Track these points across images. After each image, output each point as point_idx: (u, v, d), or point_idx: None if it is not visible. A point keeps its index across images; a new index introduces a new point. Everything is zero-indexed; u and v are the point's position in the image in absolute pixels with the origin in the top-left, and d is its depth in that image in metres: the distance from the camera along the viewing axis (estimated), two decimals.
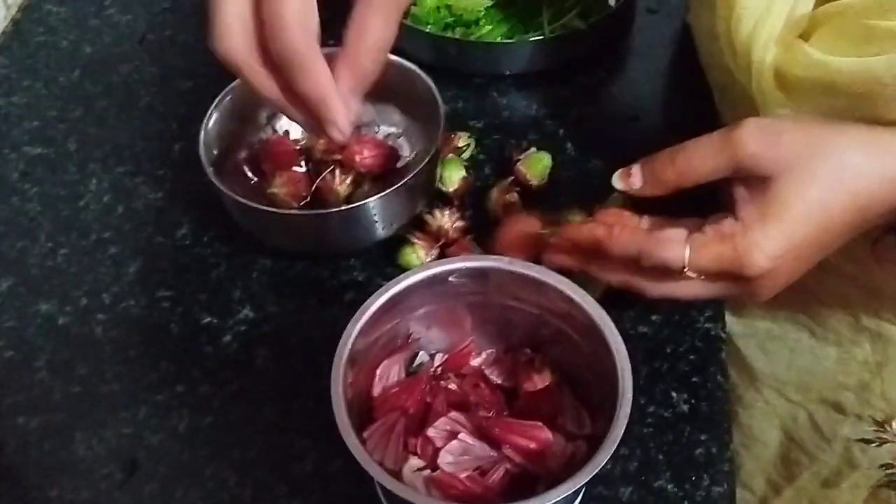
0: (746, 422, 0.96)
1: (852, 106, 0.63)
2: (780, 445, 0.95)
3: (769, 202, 0.59)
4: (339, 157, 0.86)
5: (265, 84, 0.64)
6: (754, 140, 0.58)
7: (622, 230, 0.63)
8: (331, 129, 0.65)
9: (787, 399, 0.92)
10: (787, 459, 0.95)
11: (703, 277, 0.62)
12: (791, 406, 0.92)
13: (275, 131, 0.89)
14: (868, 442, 0.87)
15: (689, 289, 0.63)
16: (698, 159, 0.61)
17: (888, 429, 0.85)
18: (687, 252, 0.60)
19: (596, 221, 0.67)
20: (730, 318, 0.86)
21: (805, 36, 0.65)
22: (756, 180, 0.59)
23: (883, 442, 0.86)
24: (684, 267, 0.61)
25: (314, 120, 0.65)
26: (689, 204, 0.64)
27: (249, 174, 0.86)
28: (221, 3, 0.62)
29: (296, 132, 0.90)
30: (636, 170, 0.64)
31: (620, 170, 0.65)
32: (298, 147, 0.88)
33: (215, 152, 0.81)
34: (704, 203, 0.64)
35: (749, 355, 0.91)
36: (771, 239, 0.58)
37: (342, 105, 0.64)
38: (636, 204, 0.68)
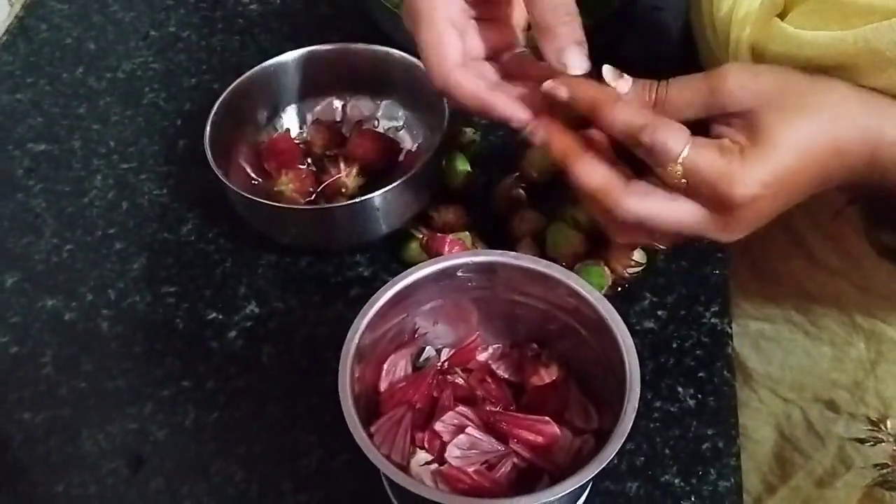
0: (741, 421, 0.95)
1: None
2: (775, 444, 0.94)
3: (757, 130, 0.57)
4: (340, 151, 0.86)
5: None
6: (736, 75, 0.58)
7: (629, 102, 0.60)
8: (511, 123, 0.64)
9: (781, 398, 0.92)
10: (782, 458, 0.94)
11: (685, 183, 0.58)
12: (785, 405, 0.92)
13: (276, 130, 0.89)
14: (862, 441, 0.87)
15: (668, 209, 0.59)
16: (679, 90, 0.59)
17: (882, 428, 0.85)
18: (688, 147, 0.57)
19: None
20: None
21: (782, 16, 0.65)
22: (737, 116, 0.58)
23: (877, 441, 0.85)
24: (679, 158, 0.57)
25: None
26: None
27: (252, 174, 0.86)
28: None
29: (295, 130, 0.90)
30: (628, 78, 0.61)
31: (614, 68, 0.62)
32: (299, 143, 0.88)
33: (219, 150, 0.81)
34: None
35: (743, 354, 0.91)
36: (763, 164, 0.57)
37: (501, 103, 0.64)
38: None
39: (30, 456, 0.72)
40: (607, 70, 0.61)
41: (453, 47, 0.64)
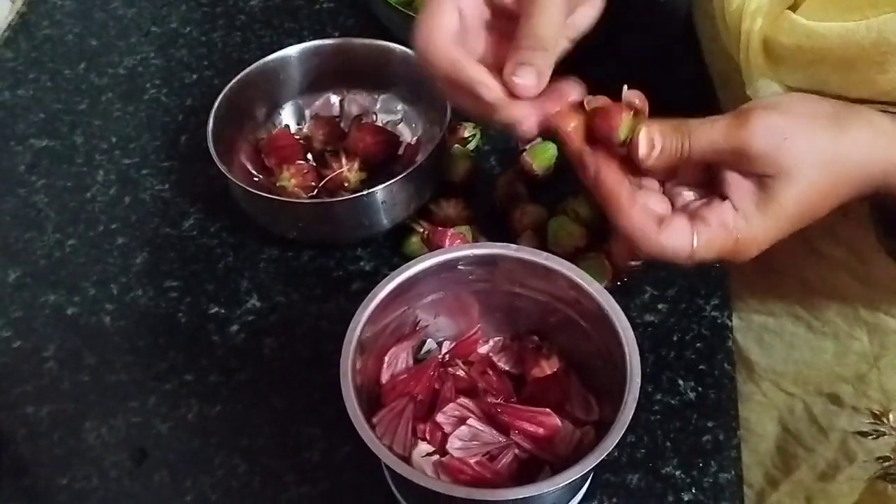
0: (744, 414, 0.95)
1: (837, 75, 0.63)
2: (778, 438, 0.94)
3: (768, 201, 0.58)
4: (340, 146, 0.87)
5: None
6: (761, 139, 0.57)
7: (636, 212, 0.59)
8: (516, 131, 0.61)
9: (784, 391, 0.92)
10: (785, 452, 0.95)
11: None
12: (788, 398, 0.92)
13: (275, 126, 0.90)
14: (865, 434, 0.86)
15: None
16: (703, 137, 0.60)
17: (885, 421, 0.84)
18: (695, 243, 0.58)
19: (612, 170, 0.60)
20: None
21: (794, 8, 0.65)
22: (752, 174, 0.59)
23: (880, 434, 0.85)
24: (688, 258, 0.59)
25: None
26: None
27: (252, 170, 0.86)
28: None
29: (294, 125, 0.90)
30: (657, 145, 0.60)
31: (644, 132, 0.60)
32: (299, 139, 0.88)
33: (221, 145, 0.81)
34: None
35: (746, 348, 0.91)
36: (766, 234, 0.59)
37: (515, 106, 0.60)
38: None
39: (33, 450, 0.72)
40: (643, 141, 0.60)
41: (449, 19, 0.61)
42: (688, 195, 0.62)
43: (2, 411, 0.75)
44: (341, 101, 0.92)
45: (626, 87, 0.62)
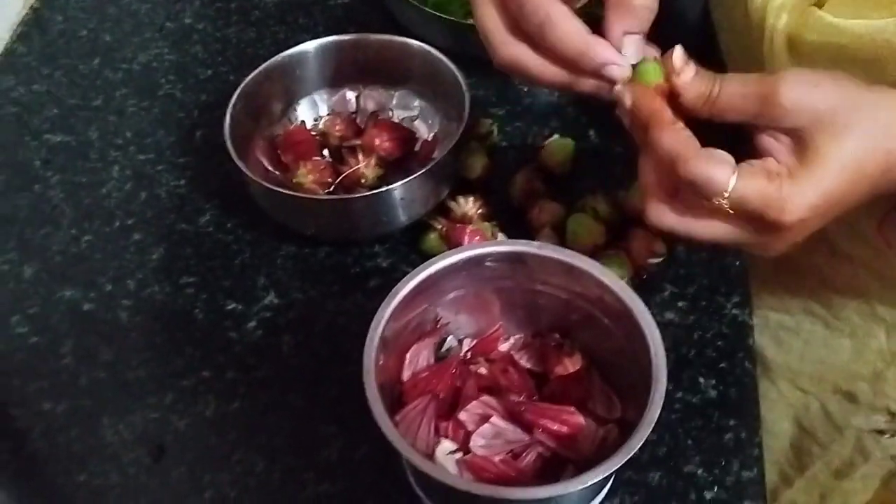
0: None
1: (864, 73, 0.62)
2: (793, 436, 0.94)
3: (808, 152, 0.56)
4: (357, 142, 0.86)
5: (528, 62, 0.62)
6: (792, 89, 0.55)
7: (683, 129, 0.58)
8: (607, 72, 0.60)
9: (800, 390, 0.92)
10: (800, 450, 0.94)
11: (731, 212, 0.57)
12: (804, 397, 0.92)
13: (291, 122, 0.89)
14: (881, 433, 0.87)
15: (711, 229, 0.59)
16: (731, 90, 0.57)
17: None
18: (734, 179, 0.55)
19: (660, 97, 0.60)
20: None
21: (819, 4, 0.65)
22: (787, 132, 0.56)
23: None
24: (725, 192, 0.56)
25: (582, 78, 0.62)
26: None
27: (269, 166, 0.86)
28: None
29: (310, 121, 0.90)
30: (692, 66, 0.59)
31: (684, 53, 0.60)
32: (315, 134, 0.88)
33: (237, 141, 0.81)
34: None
35: (762, 346, 0.91)
36: (813, 188, 0.55)
37: (604, 46, 0.60)
38: None
39: (50, 446, 0.72)
40: (678, 53, 0.59)
41: None
42: None
43: (18, 408, 0.74)
44: (357, 97, 0.91)
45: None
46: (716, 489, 0.68)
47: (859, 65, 0.62)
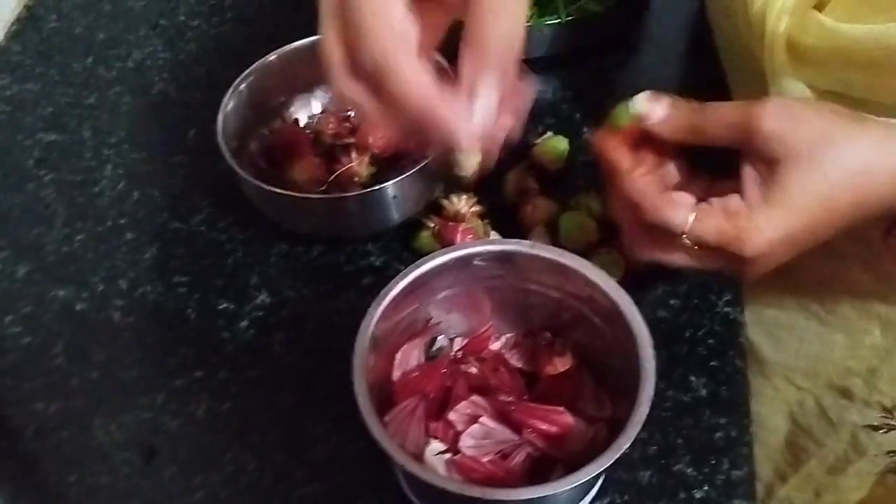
0: (754, 409, 0.95)
1: (862, 77, 0.62)
2: (788, 432, 0.94)
3: (775, 188, 0.58)
4: (350, 140, 0.86)
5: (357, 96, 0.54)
6: (773, 120, 0.57)
7: (643, 175, 0.62)
8: (452, 140, 0.53)
9: (794, 386, 0.92)
10: (794, 446, 0.94)
11: (696, 247, 0.60)
12: (799, 392, 0.92)
13: (284, 120, 0.89)
14: (875, 428, 0.86)
15: (678, 259, 0.62)
16: (715, 121, 0.60)
17: None
18: (691, 219, 0.59)
19: (622, 146, 0.63)
20: None
21: (819, 7, 0.65)
22: (764, 161, 0.59)
23: (890, 428, 0.85)
24: (683, 233, 0.59)
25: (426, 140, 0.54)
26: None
27: (263, 165, 0.86)
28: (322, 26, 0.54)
29: (303, 119, 0.89)
30: (666, 102, 0.61)
31: (649, 92, 0.61)
32: (309, 132, 0.88)
33: (230, 139, 0.81)
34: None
35: (757, 342, 0.91)
36: (772, 226, 0.58)
37: (447, 107, 0.52)
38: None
39: (43, 446, 0.72)
40: (640, 99, 0.62)
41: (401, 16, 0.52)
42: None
43: (11, 407, 0.74)
44: None
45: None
46: (706, 488, 0.68)
47: (858, 69, 0.62)
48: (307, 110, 0.90)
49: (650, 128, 0.62)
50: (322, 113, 0.90)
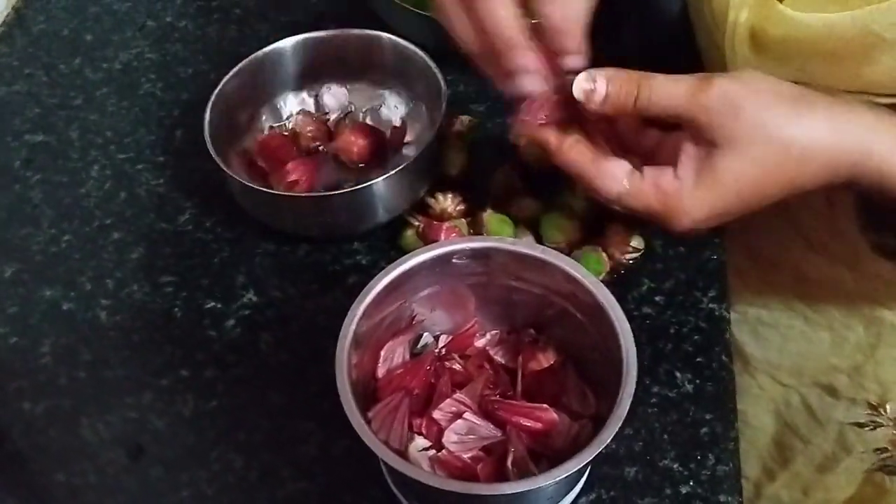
0: (740, 407, 0.94)
1: (823, 67, 0.63)
2: (775, 430, 0.94)
3: (709, 171, 0.60)
4: (333, 144, 0.86)
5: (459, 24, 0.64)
6: (717, 107, 0.59)
7: (571, 147, 0.64)
8: (518, 77, 0.64)
9: (780, 384, 0.92)
10: (781, 444, 0.94)
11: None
12: (784, 390, 0.92)
13: (272, 119, 0.89)
14: (862, 426, 0.86)
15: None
16: (663, 94, 0.61)
17: (882, 412, 0.84)
18: (622, 189, 0.62)
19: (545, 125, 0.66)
20: None
21: None
22: (703, 143, 0.60)
23: (877, 425, 0.85)
24: (615, 200, 0.62)
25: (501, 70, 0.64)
26: None
27: (249, 165, 0.86)
28: None
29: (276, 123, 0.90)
30: (603, 83, 0.62)
31: (585, 73, 0.63)
32: (287, 134, 0.88)
33: (217, 139, 0.81)
34: None
35: (742, 340, 0.91)
36: (698, 207, 0.60)
37: (525, 53, 0.63)
38: None
39: (30, 445, 0.72)
40: (579, 80, 0.63)
41: None
42: None
43: None
44: (316, 96, 0.91)
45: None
46: (691, 483, 0.68)
47: (819, 58, 0.62)
48: (292, 110, 0.90)
49: (594, 110, 0.63)
50: (299, 114, 0.90)
